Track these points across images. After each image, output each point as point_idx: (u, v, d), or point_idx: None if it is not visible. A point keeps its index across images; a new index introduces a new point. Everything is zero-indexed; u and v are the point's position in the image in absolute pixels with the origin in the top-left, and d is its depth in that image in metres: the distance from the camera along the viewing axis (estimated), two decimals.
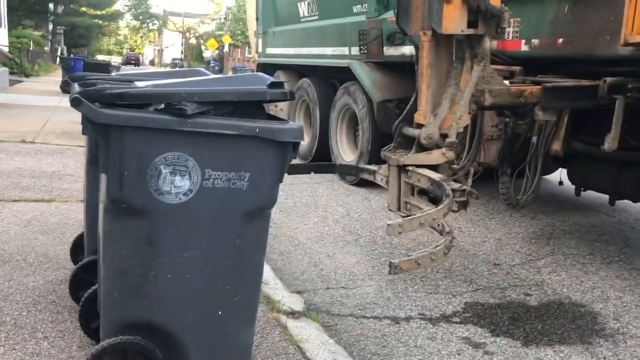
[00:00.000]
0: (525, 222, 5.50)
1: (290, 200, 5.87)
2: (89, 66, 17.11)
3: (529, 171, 4.69)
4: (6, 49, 23.16)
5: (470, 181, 4.28)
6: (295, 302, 3.30)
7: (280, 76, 9.14)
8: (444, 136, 3.97)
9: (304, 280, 3.93)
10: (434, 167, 3.96)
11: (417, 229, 3.73)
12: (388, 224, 3.60)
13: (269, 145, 2.10)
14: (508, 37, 4.74)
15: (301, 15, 8.58)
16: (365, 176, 4.82)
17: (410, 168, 3.99)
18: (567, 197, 5.95)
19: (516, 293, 3.83)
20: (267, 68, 9.55)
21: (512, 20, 4.63)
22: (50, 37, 39.74)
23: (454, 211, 3.93)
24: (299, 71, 8.92)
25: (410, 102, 4.31)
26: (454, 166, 4.16)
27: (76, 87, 2.49)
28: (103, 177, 2.10)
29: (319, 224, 5.27)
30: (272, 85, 2.19)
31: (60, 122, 9.71)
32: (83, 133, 2.66)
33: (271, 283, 3.51)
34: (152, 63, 78.18)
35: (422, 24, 3.99)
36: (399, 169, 4.10)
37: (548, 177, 6.62)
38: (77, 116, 2.15)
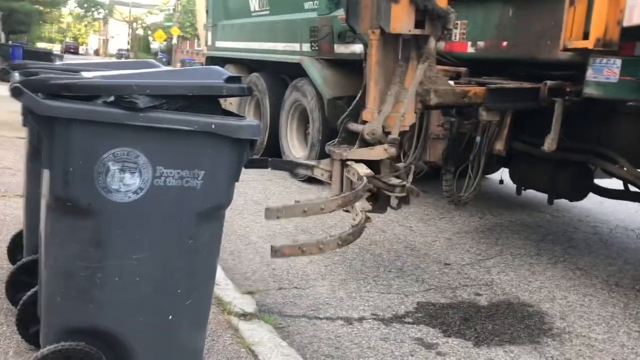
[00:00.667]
0: (475, 221, 5.58)
1: (241, 198, 5.76)
2: (29, 54, 16.47)
3: (472, 170, 4.77)
4: None
5: (411, 178, 4.30)
6: (246, 304, 3.21)
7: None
8: (387, 133, 3.97)
9: (255, 280, 3.84)
10: (376, 163, 3.95)
11: (299, 216, 3.51)
12: (266, 208, 3.32)
13: (225, 142, 2.01)
14: (455, 39, 4.80)
15: (252, 9, 8.48)
16: (302, 171, 4.74)
17: (349, 163, 3.96)
18: (512, 196, 6.07)
19: (467, 293, 3.86)
20: (217, 61, 9.38)
21: (459, 22, 4.69)
22: None
23: (393, 208, 3.93)
24: (249, 65, 8.81)
25: (357, 99, 4.29)
26: (399, 164, 4.18)
27: (17, 75, 2.33)
28: (46, 173, 1.97)
29: (270, 222, 5.17)
30: (229, 79, 2.11)
31: None
32: (24, 124, 2.50)
33: (222, 284, 3.41)
34: (97, 53, 75.71)
35: (370, 22, 4.00)
36: (342, 164, 4.07)
37: (492, 176, 6.75)
38: (17, 105, 2.01)
